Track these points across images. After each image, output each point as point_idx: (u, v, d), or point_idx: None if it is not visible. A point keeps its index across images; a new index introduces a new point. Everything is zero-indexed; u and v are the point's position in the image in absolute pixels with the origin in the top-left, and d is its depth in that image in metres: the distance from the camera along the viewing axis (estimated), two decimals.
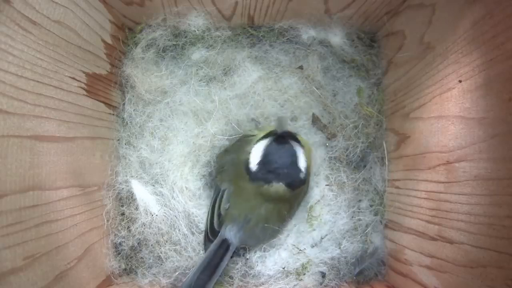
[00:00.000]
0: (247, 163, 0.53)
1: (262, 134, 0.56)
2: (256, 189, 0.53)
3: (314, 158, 0.63)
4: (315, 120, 0.66)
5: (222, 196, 0.57)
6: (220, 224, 0.56)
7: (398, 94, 0.60)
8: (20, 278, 0.38)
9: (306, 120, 0.66)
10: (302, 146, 0.54)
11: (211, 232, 0.56)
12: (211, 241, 0.56)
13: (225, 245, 0.54)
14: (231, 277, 0.58)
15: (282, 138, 0.53)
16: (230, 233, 0.55)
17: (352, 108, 0.66)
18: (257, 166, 0.52)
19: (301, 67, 0.66)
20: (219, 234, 0.55)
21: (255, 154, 0.53)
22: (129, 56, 0.63)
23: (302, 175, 0.53)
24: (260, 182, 0.52)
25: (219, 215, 0.56)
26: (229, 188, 0.57)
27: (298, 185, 0.54)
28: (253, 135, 0.59)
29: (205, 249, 0.58)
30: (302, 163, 0.52)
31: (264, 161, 0.52)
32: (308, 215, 0.63)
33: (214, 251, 0.53)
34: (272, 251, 0.61)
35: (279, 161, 0.51)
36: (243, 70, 0.64)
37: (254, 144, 0.54)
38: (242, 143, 0.58)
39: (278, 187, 0.52)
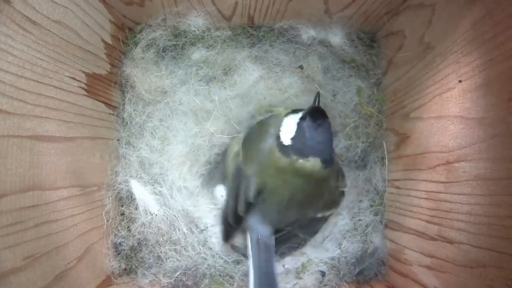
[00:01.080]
0: (278, 137, 0.51)
1: (286, 111, 0.54)
2: (290, 166, 0.50)
3: None
4: None
5: (248, 183, 0.53)
6: (247, 211, 0.54)
7: (398, 94, 0.60)
8: (20, 278, 0.38)
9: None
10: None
11: (234, 219, 0.54)
12: (231, 227, 0.55)
13: (262, 245, 0.52)
14: (231, 277, 0.58)
15: (318, 114, 0.49)
16: (259, 229, 0.53)
17: (352, 108, 0.66)
18: (291, 140, 0.49)
19: (301, 67, 0.66)
20: (250, 241, 0.53)
21: (288, 128, 0.50)
22: (129, 56, 0.63)
23: (332, 155, 0.51)
24: (294, 156, 0.49)
25: (246, 201, 0.53)
26: (259, 174, 0.53)
27: (331, 163, 0.51)
28: (274, 112, 0.57)
29: (225, 237, 0.58)
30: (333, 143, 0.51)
31: (300, 135, 0.49)
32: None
33: (258, 260, 0.52)
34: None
35: (316, 136, 0.48)
36: (243, 70, 0.64)
37: (283, 118, 0.52)
38: (266, 125, 0.56)
39: (315, 162, 0.49)
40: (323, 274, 0.59)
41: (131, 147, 0.62)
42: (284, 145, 0.50)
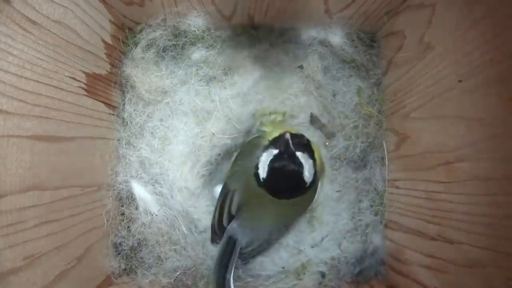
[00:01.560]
0: (257, 168, 0.52)
1: (272, 134, 0.56)
2: (266, 194, 0.53)
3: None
4: (314, 119, 0.66)
5: (232, 197, 0.56)
6: (229, 222, 0.56)
7: (398, 94, 0.60)
8: (20, 278, 0.38)
9: (305, 118, 0.66)
10: (310, 152, 0.52)
11: (218, 228, 0.57)
12: (218, 236, 0.56)
13: (231, 242, 0.54)
14: None
15: (287, 153, 0.50)
16: (236, 231, 0.55)
17: (352, 108, 0.66)
18: (263, 179, 0.51)
19: (301, 67, 0.66)
20: (225, 231, 0.55)
21: (263, 164, 0.52)
22: (129, 56, 0.63)
23: (307, 183, 0.52)
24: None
25: (229, 213, 0.56)
26: (240, 190, 0.57)
27: (303, 193, 0.53)
28: (263, 133, 0.58)
29: (212, 240, 0.59)
30: (308, 173, 0.51)
31: (270, 177, 0.51)
32: (309, 215, 0.63)
33: (222, 250, 0.54)
34: (272, 251, 0.61)
35: (283, 179, 0.51)
36: (244, 70, 0.64)
37: (263, 150, 0.53)
38: (252, 147, 0.58)
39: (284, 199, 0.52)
40: (323, 275, 0.59)
41: (131, 147, 0.62)
42: (260, 180, 0.52)
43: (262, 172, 0.51)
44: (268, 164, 0.51)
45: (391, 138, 0.62)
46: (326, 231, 0.63)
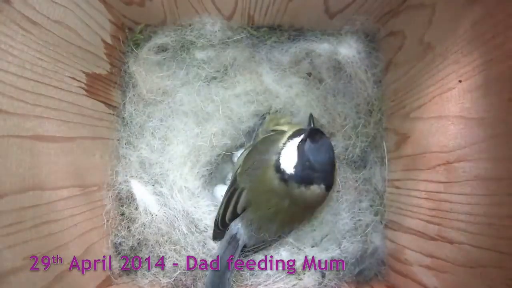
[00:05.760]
0: (278, 164, 0.50)
1: (288, 132, 0.54)
2: (287, 192, 0.50)
3: None
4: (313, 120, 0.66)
5: (240, 195, 0.55)
6: (233, 219, 0.55)
7: (398, 94, 0.60)
8: (20, 278, 0.38)
9: (305, 119, 0.66)
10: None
11: (222, 224, 0.56)
12: (220, 231, 0.56)
13: (234, 241, 0.54)
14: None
15: (317, 134, 0.48)
16: (240, 230, 0.55)
17: (352, 108, 0.66)
18: (294, 169, 0.48)
19: (309, 74, 0.66)
20: (228, 230, 0.55)
21: (289, 156, 0.49)
22: (129, 56, 0.63)
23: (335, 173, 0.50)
24: (297, 184, 0.48)
25: (234, 211, 0.55)
26: (249, 190, 0.55)
27: (332, 184, 0.50)
28: (278, 131, 0.57)
29: (213, 237, 0.59)
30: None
31: (303, 163, 0.47)
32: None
33: (224, 248, 0.54)
34: (272, 251, 0.61)
35: (320, 161, 0.47)
36: (244, 70, 0.64)
37: (283, 145, 0.51)
38: (269, 144, 0.55)
39: (316, 189, 0.48)
40: (323, 275, 0.59)
41: (131, 147, 0.62)
42: (287, 174, 0.49)
43: (289, 163, 0.48)
44: (299, 150, 0.48)
45: (391, 138, 0.62)
46: (326, 231, 0.63)
